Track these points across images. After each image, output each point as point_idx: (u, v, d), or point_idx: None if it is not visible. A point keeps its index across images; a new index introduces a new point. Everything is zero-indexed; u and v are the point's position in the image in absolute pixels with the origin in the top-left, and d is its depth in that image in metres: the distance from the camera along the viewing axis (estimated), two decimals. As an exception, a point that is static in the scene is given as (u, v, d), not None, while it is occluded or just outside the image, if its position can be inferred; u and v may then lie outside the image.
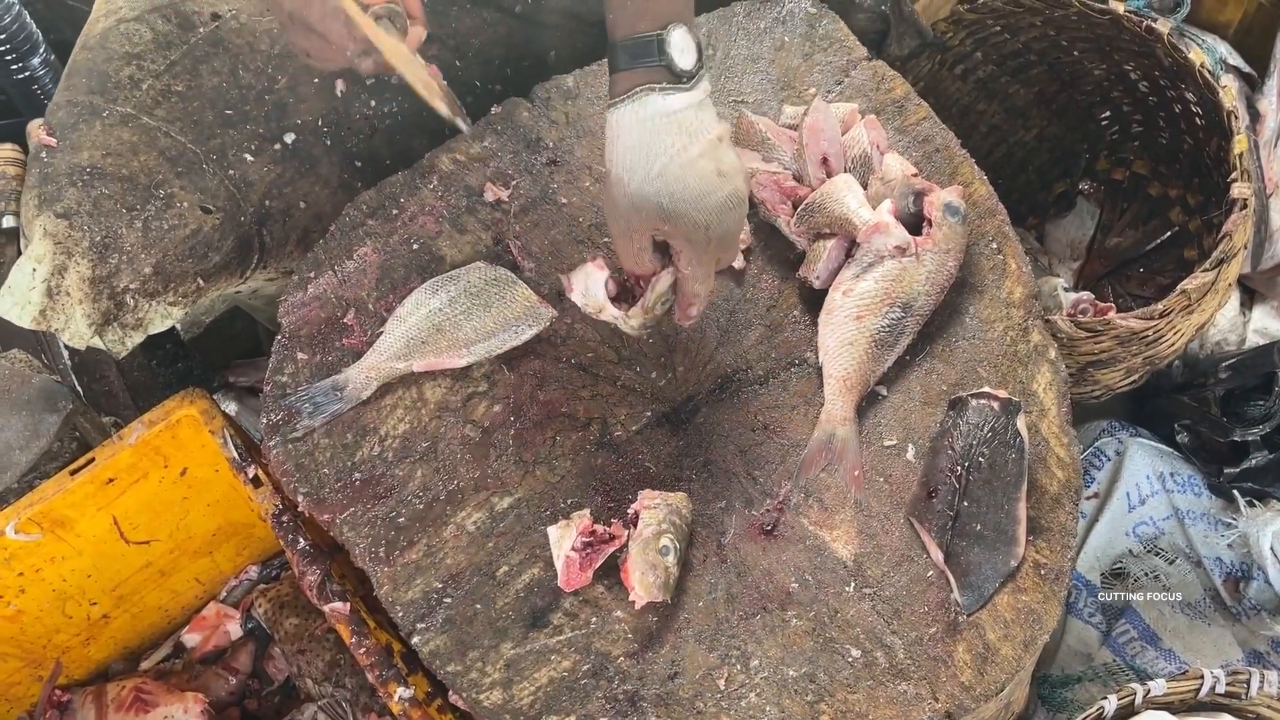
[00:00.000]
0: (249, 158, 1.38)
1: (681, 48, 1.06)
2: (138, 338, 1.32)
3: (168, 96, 1.35)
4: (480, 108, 1.45)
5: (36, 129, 1.96)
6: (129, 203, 1.28)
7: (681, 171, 1.05)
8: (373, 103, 1.45)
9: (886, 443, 1.24)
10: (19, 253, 1.90)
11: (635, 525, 1.13)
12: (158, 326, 1.33)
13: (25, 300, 1.24)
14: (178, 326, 1.84)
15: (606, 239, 1.35)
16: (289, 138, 1.41)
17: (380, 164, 1.46)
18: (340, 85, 1.43)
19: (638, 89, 1.05)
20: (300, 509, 1.22)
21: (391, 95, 1.46)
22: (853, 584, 1.16)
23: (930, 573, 1.16)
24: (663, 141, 1.05)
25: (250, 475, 1.35)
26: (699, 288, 1.12)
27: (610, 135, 1.08)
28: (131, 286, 1.28)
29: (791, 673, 1.11)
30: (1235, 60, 1.97)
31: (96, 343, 1.29)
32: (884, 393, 1.27)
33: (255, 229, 1.38)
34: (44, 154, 1.28)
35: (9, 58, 1.90)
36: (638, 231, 1.09)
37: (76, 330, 1.27)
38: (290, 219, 1.40)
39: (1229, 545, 1.64)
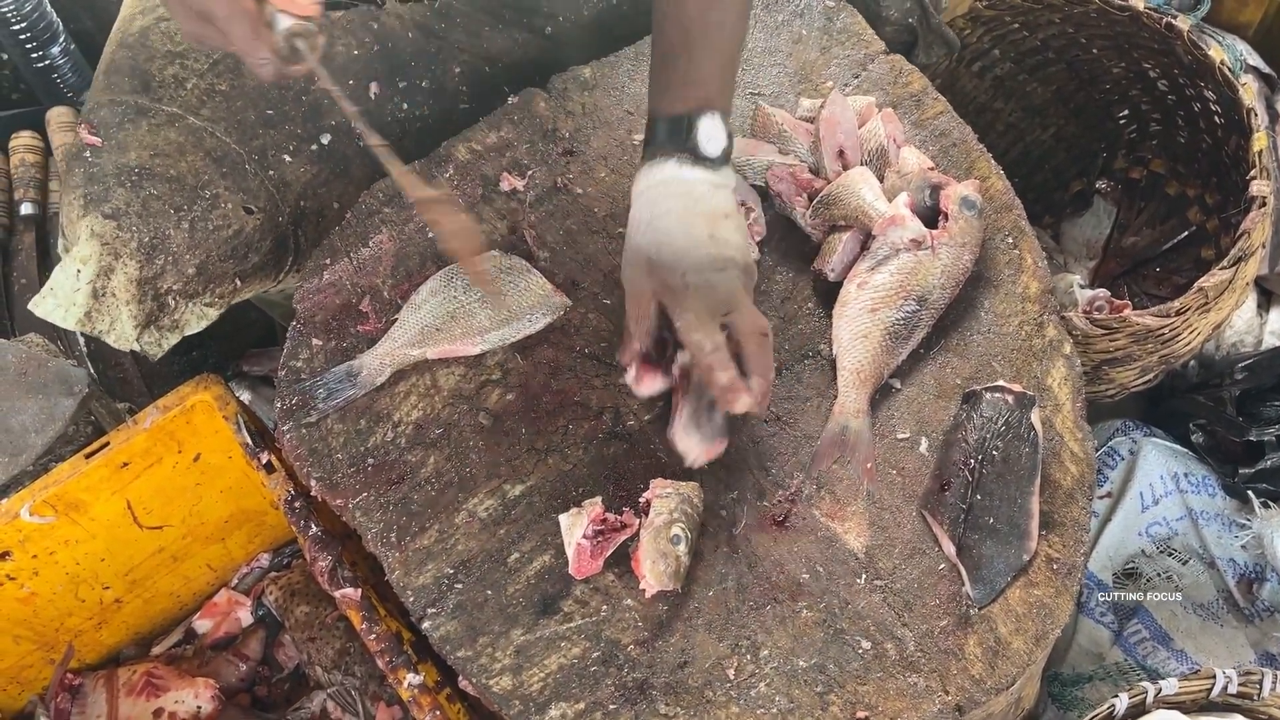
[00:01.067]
0: (287, 158, 1.38)
1: (709, 135, 1.10)
2: (174, 339, 1.32)
3: (212, 96, 1.35)
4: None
5: (59, 118, 1.97)
6: (176, 203, 1.28)
7: (673, 226, 1.08)
8: (405, 105, 1.46)
9: (900, 435, 1.24)
10: (36, 240, 1.92)
11: (647, 514, 1.13)
12: (194, 328, 1.34)
13: (70, 302, 1.23)
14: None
15: (621, 229, 1.35)
16: (325, 139, 1.41)
17: (409, 165, 1.46)
18: (374, 88, 1.44)
19: (660, 156, 1.10)
20: (313, 493, 1.22)
21: (423, 99, 1.47)
22: (864, 576, 1.16)
23: (942, 565, 1.16)
24: (668, 201, 1.10)
25: (263, 461, 1.36)
26: (697, 338, 1.06)
27: (631, 198, 1.13)
28: (175, 288, 1.28)
29: (801, 663, 1.11)
30: (1255, 60, 1.96)
31: (135, 346, 1.29)
32: (898, 386, 1.27)
33: (291, 229, 1.38)
34: (88, 153, 1.28)
35: (29, 46, 1.92)
36: (637, 291, 1.11)
37: (122, 332, 1.27)
38: (324, 220, 1.40)
39: (1243, 546, 1.63)
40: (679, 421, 1.14)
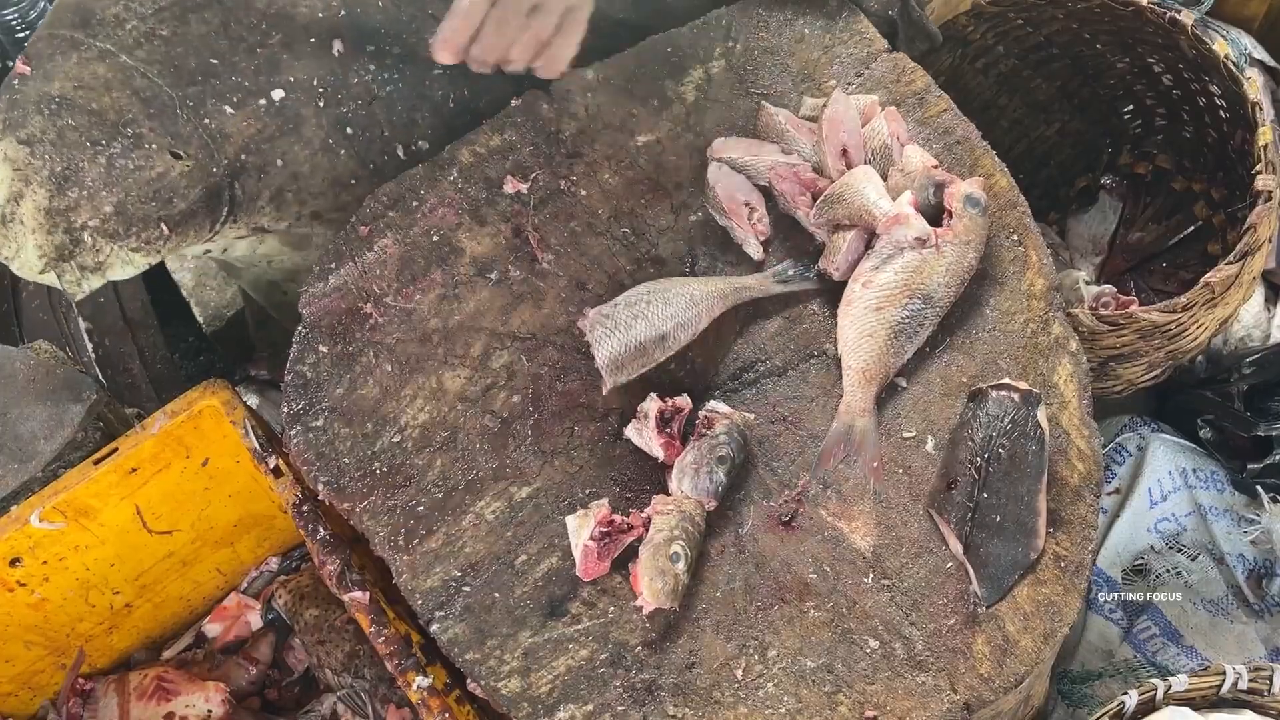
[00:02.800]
0: (229, 110, 1.35)
1: None
2: (96, 281, 1.30)
3: (150, 39, 1.33)
4: (485, 84, 1.43)
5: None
6: (94, 137, 1.27)
7: None
8: (371, 67, 1.43)
9: (906, 434, 1.24)
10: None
11: (648, 528, 1.14)
12: (118, 273, 1.32)
13: None
14: (200, 320, 1.86)
15: (626, 229, 1.35)
16: (277, 94, 1.38)
17: (376, 133, 1.44)
18: (338, 45, 1.41)
19: None
20: (320, 498, 1.23)
21: (393, 63, 1.44)
22: (871, 575, 1.16)
23: (949, 564, 1.16)
24: None
25: (271, 465, 1.36)
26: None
27: None
28: (90, 224, 1.26)
29: (809, 663, 1.11)
30: (1260, 54, 1.95)
31: (51, 280, 1.27)
32: (903, 384, 1.27)
33: (227, 181, 1.35)
34: (16, 81, 1.27)
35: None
36: None
37: (26, 260, 1.25)
38: (265, 176, 1.38)
39: (1252, 542, 1.63)
40: (681, 460, 1.17)
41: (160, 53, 1.33)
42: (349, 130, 1.41)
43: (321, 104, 1.40)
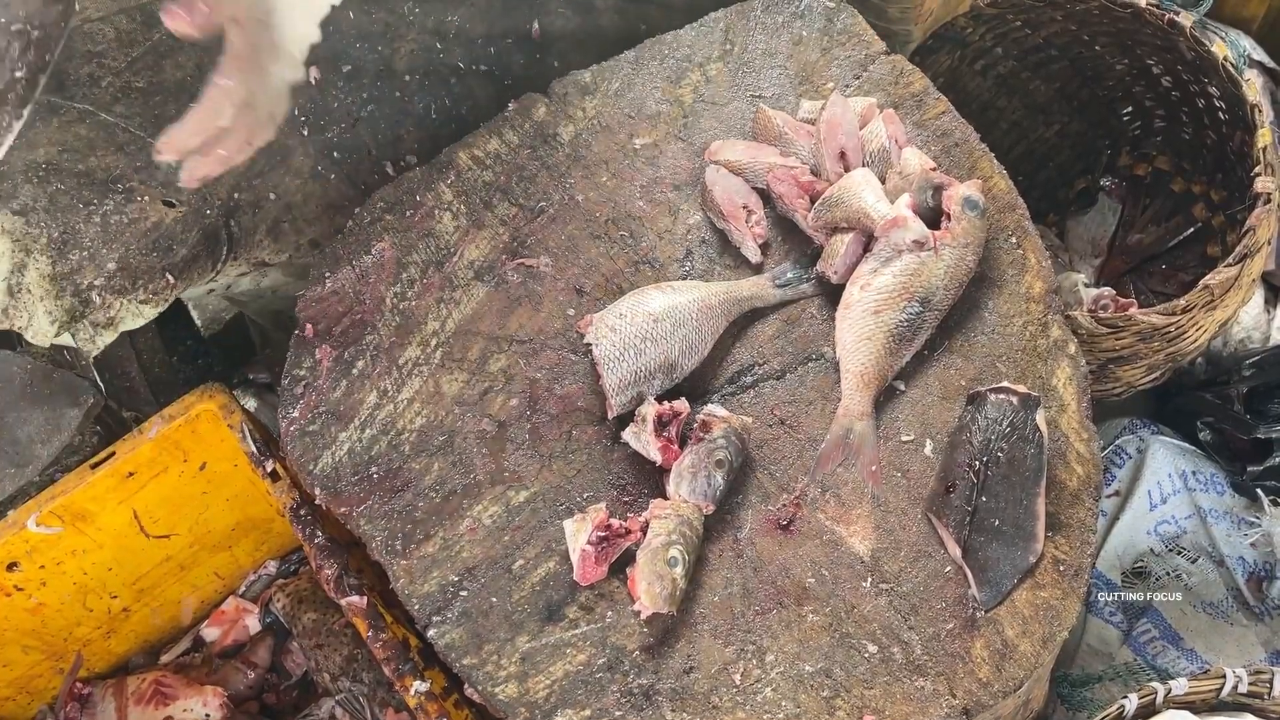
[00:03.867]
0: None
1: None
2: (109, 336, 1.31)
3: (128, 93, 1.33)
4: (467, 89, 1.43)
5: None
6: (85, 198, 1.28)
7: None
8: (350, 88, 1.42)
9: (904, 438, 1.24)
10: None
11: (645, 534, 1.14)
12: (130, 324, 1.33)
13: None
14: (198, 323, 1.85)
15: (623, 232, 1.35)
16: None
17: (363, 154, 1.44)
18: (314, 72, 1.40)
19: None
20: (317, 502, 1.22)
21: (370, 81, 1.43)
22: (869, 579, 1.16)
23: (948, 568, 1.16)
24: None
25: (268, 470, 1.36)
26: None
27: None
28: (97, 283, 1.27)
29: (808, 668, 1.11)
30: (1260, 55, 1.95)
31: (66, 340, 1.28)
32: (902, 388, 1.26)
33: (223, 221, 1.36)
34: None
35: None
36: None
37: (39, 328, 1.26)
38: (260, 210, 1.38)
39: (1252, 544, 1.62)
40: (679, 464, 1.16)
41: (139, 105, 1.34)
42: (335, 155, 1.41)
43: (306, 132, 1.40)
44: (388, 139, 1.44)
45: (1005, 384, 1.18)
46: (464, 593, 1.15)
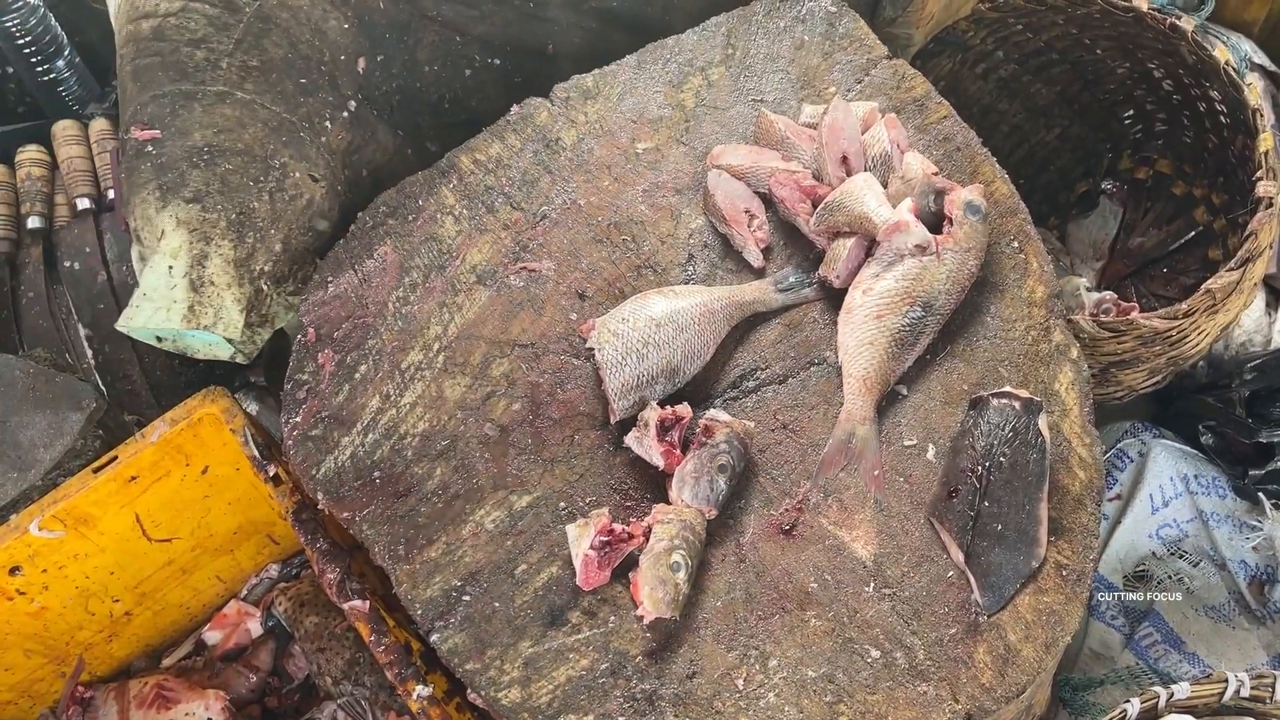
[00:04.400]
0: (328, 124, 1.35)
1: None
2: (265, 334, 1.28)
3: (248, 72, 1.32)
4: (479, 81, 1.43)
5: (64, 132, 1.98)
6: (253, 175, 1.24)
7: None
8: (382, 80, 1.43)
9: (907, 442, 1.24)
10: (44, 253, 1.92)
11: (648, 538, 1.14)
12: (282, 320, 1.30)
13: (169, 301, 1.18)
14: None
15: (625, 236, 1.35)
16: (352, 105, 1.38)
17: (414, 126, 1.43)
18: (362, 63, 1.41)
19: None
20: (320, 507, 1.22)
21: (397, 73, 1.43)
22: (872, 584, 1.16)
23: (950, 573, 1.16)
24: None
25: (270, 474, 1.36)
26: None
27: None
28: (266, 269, 1.23)
29: (810, 673, 1.11)
30: (1261, 59, 1.95)
31: (242, 335, 1.23)
32: (904, 392, 1.26)
33: (348, 197, 1.35)
34: (150, 147, 1.23)
35: (34, 60, 1.93)
36: None
37: (230, 320, 1.21)
38: (357, 189, 1.37)
39: (1254, 548, 1.62)
40: (681, 469, 1.17)
41: (263, 82, 1.32)
42: (400, 133, 1.40)
43: (375, 111, 1.39)
44: (409, 126, 1.44)
45: (1008, 388, 1.18)
46: (466, 597, 1.15)
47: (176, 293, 1.18)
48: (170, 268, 1.18)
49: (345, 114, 1.37)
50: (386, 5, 1.43)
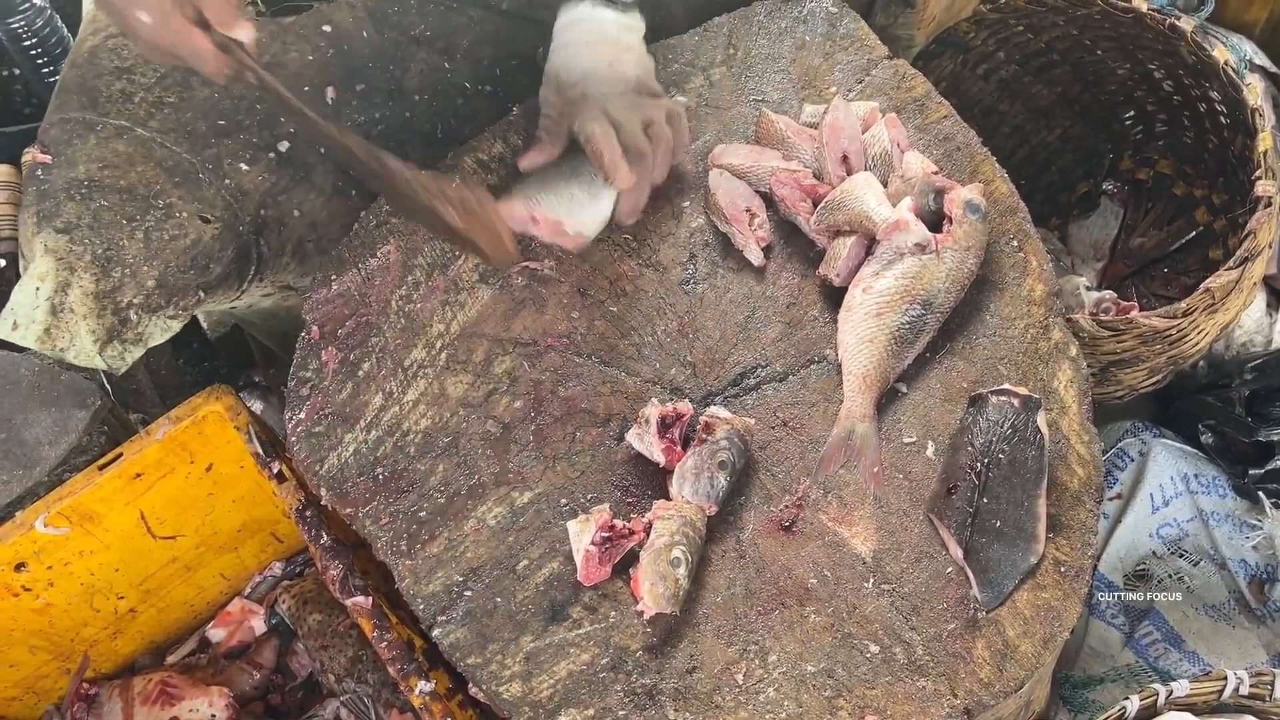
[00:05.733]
0: (244, 167, 1.37)
1: None
2: (137, 352, 1.31)
3: (160, 108, 1.34)
4: (472, 110, 1.45)
5: (31, 150, 1.99)
6: (129, 213, 1.27)
7: (580, 53, 1.29)
8: (364, 110, 1.44)
9: (906, 439, 1.24)
10: (16, 273, 1.94)
11: (649, 534, 1.14)
12: (157, 339, 1.32)
13: (29, 320, 1.22)
14: (204, 325, 1.86)
15: (627, 234, 1.36)
16: (283, 146, 1.40)
17: (414, 159, 1.44)
18: (330, 92, 1.42)
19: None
20: (323, 503, 1.23)
21: (381, 102, 1.45)
22: (871, 580, 1.16)
23: (949, 569, 1.16)
24: (580, 34, 1.30)
25: (274, 471, 1.37)
26: (590, 127, 1.23)
27: (553, 33, 1.33)
28: (135, 301, 1.26)
29: (810, 668, 1.11)
30: (1261, 60, 1.96)
31: (97, 362, 1.27)
32: (904, 390, 1.27)
33: (253, 238, 1.37)
34: (39, 171, 1.27)
35: (40, 61, 1.94)
36: (548, 105, 1.31)
37: (82, 348, 1.25)
38: (285, 228, 1.39)
39: (1254, 547, 1.63)
40: (682, 466, 1.17)
41: (172, 120, 1.34)
42: (351, 172, 1.42)
43: (322, 150, 1.41)
44: (396, 155, 1.45)
45: (1006, 386, 1.19)
46: (468, 593, 1.16)
47: (37, 314, 1.22)
48: (36, 289, 1.22)
49: (272, 155, 1.39)
50: (370, 34, 1.45)
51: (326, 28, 1.44)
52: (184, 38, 1.04)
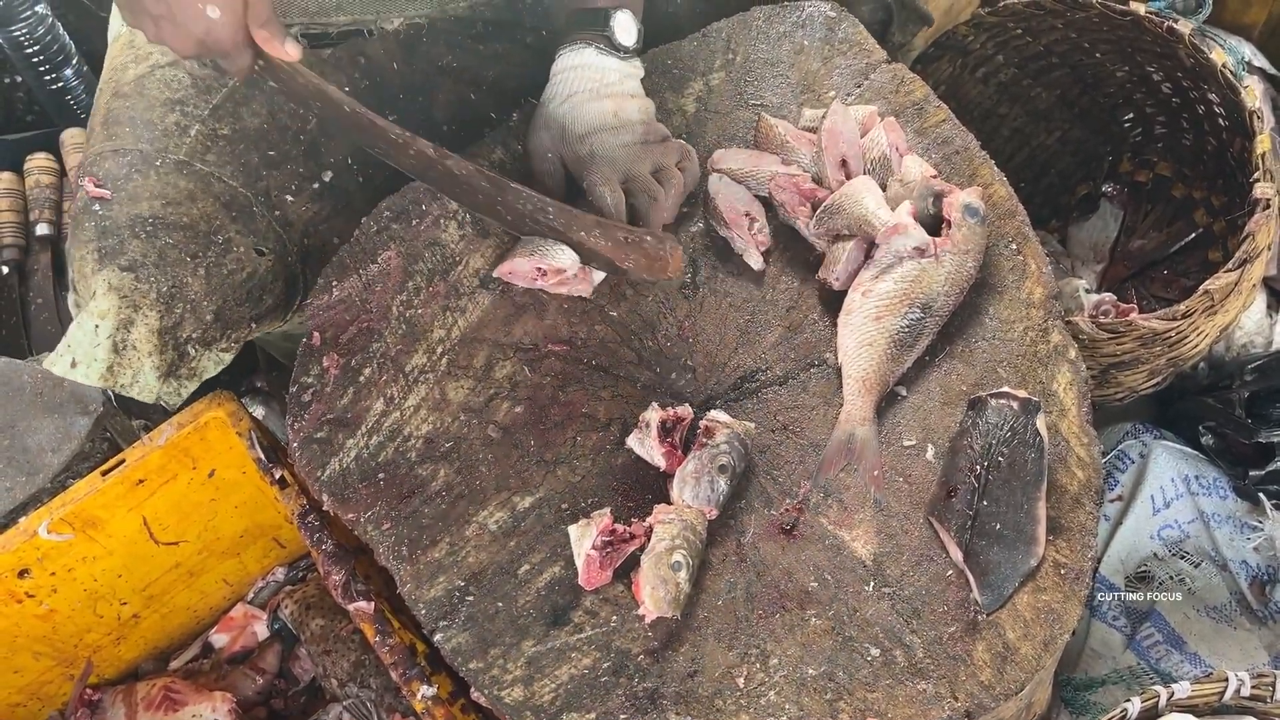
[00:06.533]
0: (289, 198, 1.38)
1: (624, 27, 1.32)
2: (191, 386, 1.31)
3: (215, 141, 1.35)
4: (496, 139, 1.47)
5: (73, 140, 1.99)
6: (192, 250, 1.27)
7: (585, 103, 1.31)
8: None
9: (906, 443, 1.25)
10: (53, 260, 1.95)
11: (649, 538, 1.15)
12: (210, 373, 1.33)
13: (91, 358, 1.22)
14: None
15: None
16: (326, 176, 1.41)
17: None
18: None
19: (579, 43, 1.32)
20: (325, 509, 1.24)
21: (411, 129, 1.46)
22: (872, 583, 1.17)
23: (950, 572, 1.17)
24: (583, 82, 1.32)
25: (276, 476, 1.37)
26: (600, 192, 1.28)
27: (550, 74, 1.35)
28: (194, 336, 1.27)
29: (811, 671, 1.12)
30: (1260, 62, 1.96)
31: (157, 398, 1.28)
32: (903, 393, 1.27)
33: (299, 267, 1.38)
34: (97, 206, 1.27)
35: (43, 69, 1.95)
36: (546, 149, 1.33)
37: (146, 384, 1.25)
38: (326, 256, 1.39)
39: (1255, 548, 1.63)
40: (682, 470, 1.18)
41: (227, 153, 1.35)
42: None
43: (360, 179, 1.42)
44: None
45: (1006, 389, 1.19)
46: (470, 597, 1.16)
47: (99, 351, 1.22)
48: (97, 327, 1.21)
49: (316, 185, 1.41)
50: (400, 65, 1.46)
51: (361, 59, 1.46)
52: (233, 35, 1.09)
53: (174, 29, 1.08)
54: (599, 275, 1.30)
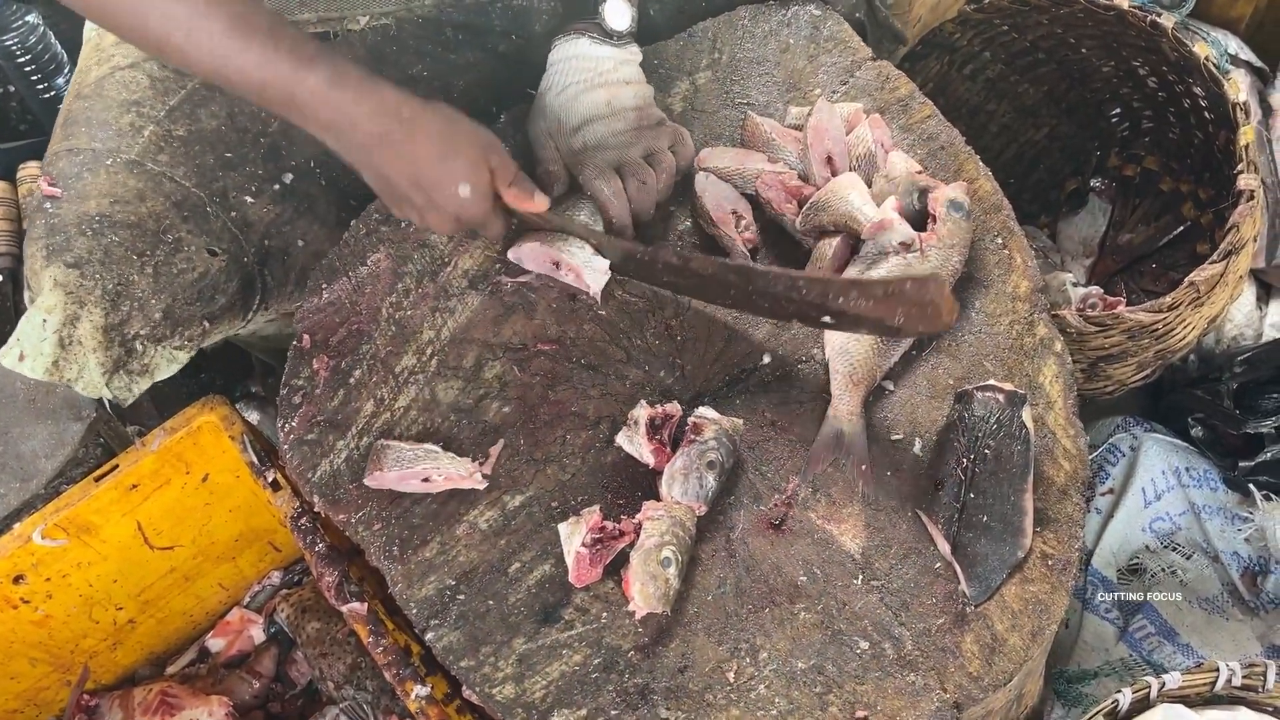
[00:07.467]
0: (249, 199, 1.38)
1: (616, 12, 1.33)
2: (144, 384, 1.32)
3: (169, 141, 1.35)
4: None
5: (28, 170, 2.00)
6: (139, 249, 1.28)
7: (579, 94, 1.33)
8: None
9: (893, 437, 1.25)
10: (13, 287, 1.95)
11: (639, 535, 1.15)
12: (164, 372, 1.33)
13: (37, 352, 1.23)
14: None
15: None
16: (287, 178, 1.42)
17: (373, 199, 1.46)
18: None
19: (574, 31, 1.33)
20: (317, 510, 1.24)
21: None
22: (860, 577, 1.17)
23: (938, 565, 1.17)
24: (575, 72, 1.34)
25: (269, 479, 1.38)
26: (598, 185, 1.30)
27: (547, 64, 1.37)
28: (142, 333, 1.28)
29: (800, 665, 1.12)
30: (1247, 55, 1.97)
31: (105, 393, 1.28)
32: (891, 388, 1.28)
33: (257, 269, 1.38)
34: (48, 204, 1.28)
35: (35, 78, 1.96)
36: (545, 136, 1.35)
37: (90, 380, 1.26)
38: (289, 257, 1.40)
39: (1246, 539, 1.63)
40: (671, 466, 1.18)
41: (181, 154, 1.36)
42: (352, 202, 1.43)
43: (324, 181, 1.42)
44: None
45: (992, 382, 1.20)
46: (461, 596, 1.17)
47: (45, 345, 1.23)
48: (44, 321, 1.23)
49: (277, 186, 1.41)
50: (384, 70, 1.45)
51: None
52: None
53: (436, 214, 1.18)
54: (604, 278, 1.30)
